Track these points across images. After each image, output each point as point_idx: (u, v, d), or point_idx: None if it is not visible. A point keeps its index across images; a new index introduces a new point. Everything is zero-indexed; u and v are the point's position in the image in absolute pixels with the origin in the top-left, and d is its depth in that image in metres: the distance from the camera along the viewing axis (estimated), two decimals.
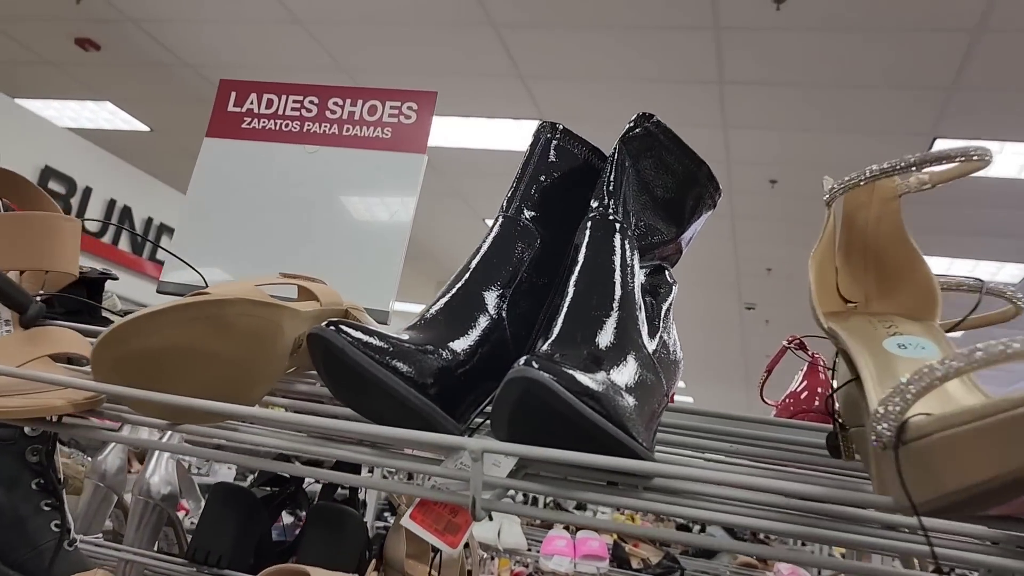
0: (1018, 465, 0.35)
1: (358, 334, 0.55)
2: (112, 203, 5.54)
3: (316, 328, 0.54)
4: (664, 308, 0.70)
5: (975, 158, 0.52)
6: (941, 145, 4.15)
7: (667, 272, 0.74)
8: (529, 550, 2.85)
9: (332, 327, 0.54)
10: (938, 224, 5.05)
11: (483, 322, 0.63)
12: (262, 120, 1.07)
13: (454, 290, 0.65)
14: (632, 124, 0.70)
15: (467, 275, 0.65)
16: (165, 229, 6.01)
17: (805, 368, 1.12)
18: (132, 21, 4.40)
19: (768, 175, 5.00)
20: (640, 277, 0.67)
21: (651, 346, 0.64)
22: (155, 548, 1.30)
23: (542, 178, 0.72)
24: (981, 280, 0.58)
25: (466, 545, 1.26)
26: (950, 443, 0.38)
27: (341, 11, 3.95)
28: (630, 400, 0.56)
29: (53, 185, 4.74)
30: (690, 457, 0.67)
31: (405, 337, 0.59)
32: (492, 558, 2.87)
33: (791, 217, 5.49)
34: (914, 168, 0.53)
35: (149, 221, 5.92)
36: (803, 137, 4.48)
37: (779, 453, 0.66)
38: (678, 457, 0.63)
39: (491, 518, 2.69)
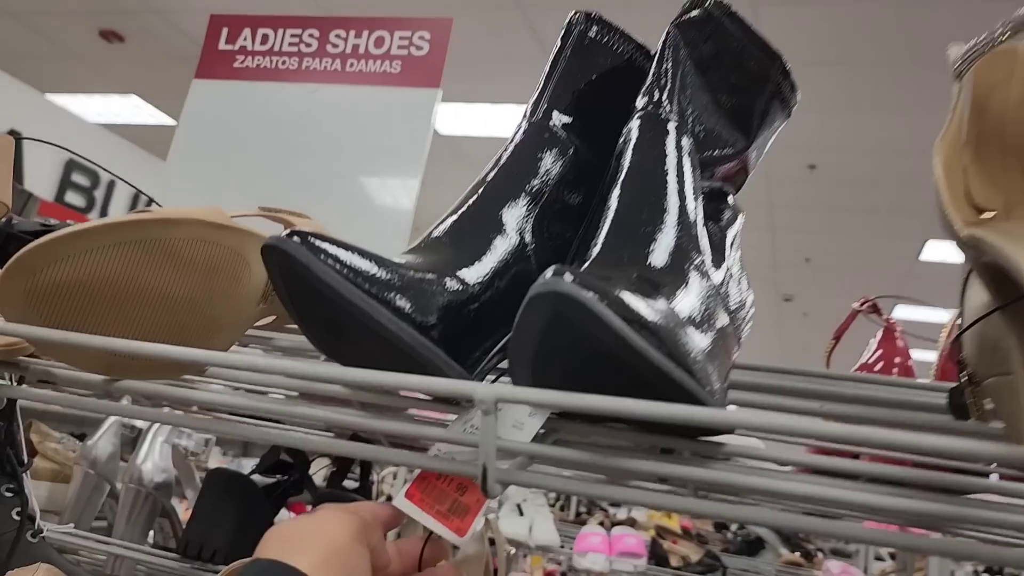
0: None
1: (335, 249, 0.41)
2: (136, 196, 5.49)
3: (271, 238, 0.40)
4: (730, 236, 0.56)
5: None
6: None
7: (729, 197, 0.59)
8: (562, 547, 2.71)
9: (296, 237, 0.40)
10: None
11: (501, 246, 0.49)
12: (257, 58, 0.95)
13: (465, 207, 0.51)
14: (689, 4, 0.56)
15: (482, 189, 0.52)
16: None
17: (880, 334, 0.96)
18: (155, 11, 4.33)
19: (807, 160, 4.80)
20: (700, 195, 0.53)
21: (716, 274, 0.50)
22: (149, 542, 1.18)
23: (576, 77, 0.57)
24: None
25: (492, 542, 1.12)
26: None
27: None
28: (696, 338, 0.42)
29: (76, 178, 4.69)
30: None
31: (401, 261, 0.45)
32: (524, 556, 2.73)
33: (831, 204, 5.29)
34: None
35: None
36: (844, 119, 4.28)
37: (878, 413, 0.51)
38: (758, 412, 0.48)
39: (521, 512, 2.55)
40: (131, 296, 0.48)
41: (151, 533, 1.18)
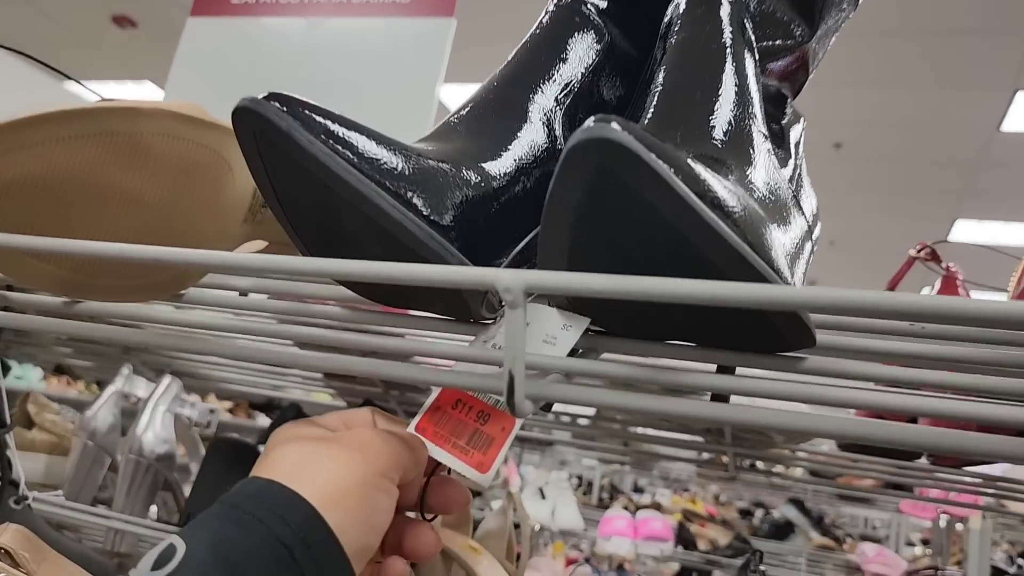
0: None
1: (328, 121, 0.34)
2: None
3: (245, 99, 0.33)
4: (794, 135, 0.48)
5: None
6: (1023, 100, 3.81)
7: (788, 100, 0.51)
8: (585, 531, 2.64)
9: (278, 101, 0.33)
10: (1016, 188, 4.68)
11: (527, 138, 0.42)
12: None
13: (483, 96, 0.43)
14: None
15: (502, 73, 0.44)
16: None
17: (938, 284, 0.88)
18: None
19: (833, 138, 4.68)
20: (760, 76, 0.45)
21: (785, 169, 0.42)
22: (152, 516, 1.12)
23: None
24: None
25: (516, 526, 1.04)
26: None
27: None
28: (773, 226, 0.34)
29: None
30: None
31: (412, 146, 0.38)
32: (545, 545, 2.66)
33: (857, 184, 5.16)
34: None
35: None
36: (870, 94, 4.15)
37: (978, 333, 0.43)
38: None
39: (543, 496, 2.47)
40: (94, 199, 0.41)
41: (153, 507, 1.12)
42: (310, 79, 0.83)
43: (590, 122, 0.28)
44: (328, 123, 0.33)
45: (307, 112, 0.33)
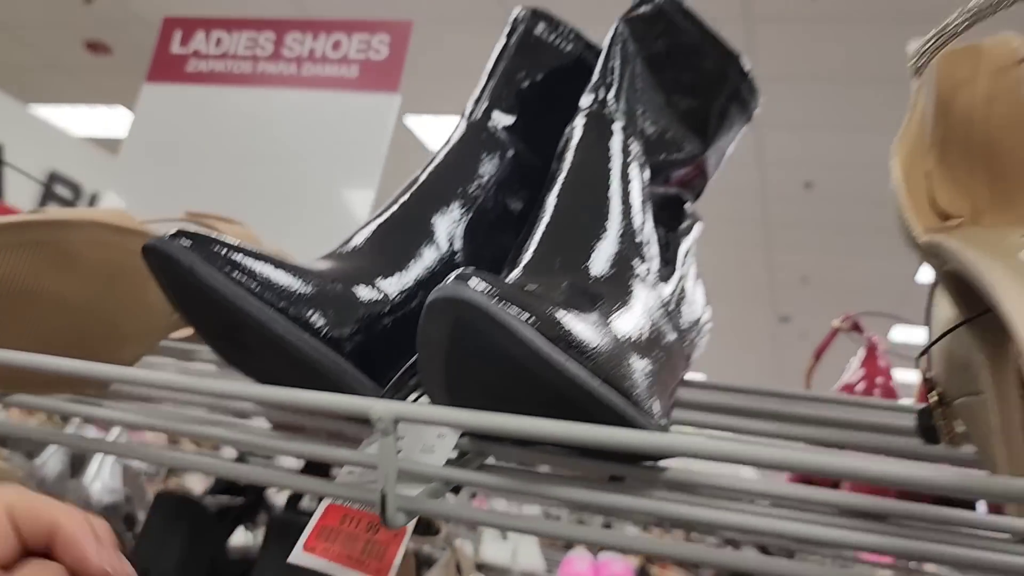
0: None
1: (224, 250, 0.37)
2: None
3: (152, 238, 0.36)
4: (683, 246, 0.52)
5: None
6: None
7: (686, 204, 0.55)
8: (549, 572, 2.65)
9: (183, 238, 0.36)
10: None
11: (428, 254, 0.45)
12: (210, 61, 0.92)
13: (392, 210, 0.47)
14: (638, 0, 0.52)
15: (411, 191, 0.48)
16: None
17: (861, 353, 0.92)
18: (142, 23, 4.31)
19: (803, 178, 4.77)
20: (649, 201, 0.49)
21: (665, 288, 0.46)
22: None
23: (519, 75, 0.54)
24: None
25: (459, 568, 1.07)
26: None
27: None
28: (635, 357, 0.38)
29: (59, 190, 4.65)
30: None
31: (312, 267, 0.41)
32: None
33: (828, 223, 5.26)
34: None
35: None
36: (841, 137, 4.25)
37: (843, 436, 0.47)
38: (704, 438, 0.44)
39: (505, 536, 2.49)
40: (27, 302, 0.44)
41: None
42: (260, 148, 0.87)
43: (450, 278, 0.31)
44: (231, 254, 0.37)
45: (211, 247, 0.37)
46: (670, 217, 0.53)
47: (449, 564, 1.04)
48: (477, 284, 0.31)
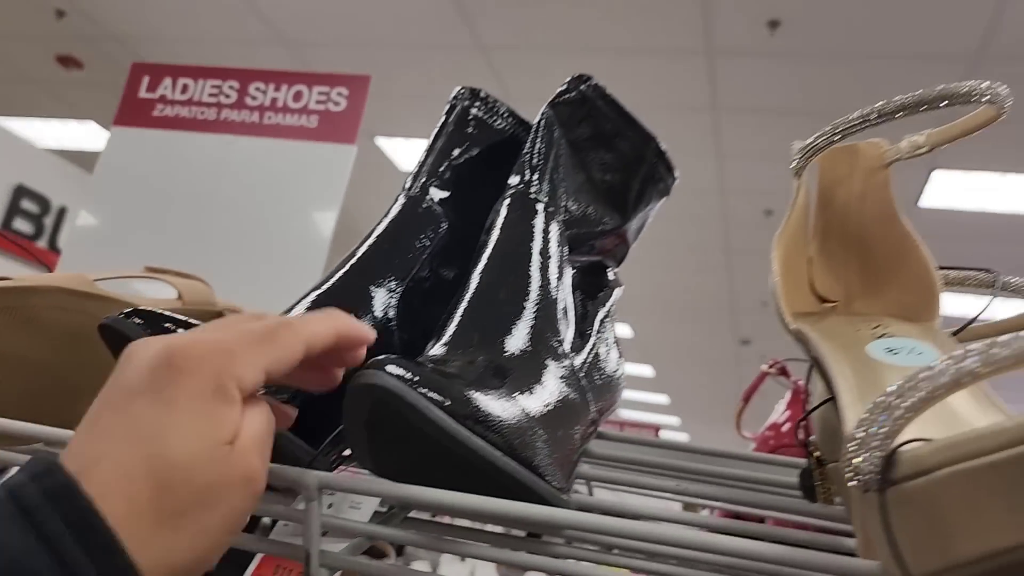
0: None
1: (177, 328, 0.41)
2: None
3: (107, 319, 0.40)
4: (600, 314, 0.57)
5: (987, 99, 0.39)
6: (939, 177, 4.05)
7: (608, 271, 0.60)
8: None
9: (136, 317, 0.40)
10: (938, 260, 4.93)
11: (365, 322, 0.50)
12: (176, 107, 0.96)
13: (330, 282, 0.51)
14: (564, 87, 0.57)
15: (350, 264, 0.52)
16: None
17: (788, 396, 0.98)
18: (115, 38, 4.32)
19: (763, 205, 4.88)
20: (569, 272, 0.54)
21: (577, 358, 0.50)
22: None
23: (456, 153, 0.59)
24: (994, 271, 0.45)
25: None
26: (964, 484, 0.24)
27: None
28: (539, 426, 0.42)
29: (26, 204, 4.61)
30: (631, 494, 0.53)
31: None
32: None
33: None
34: (897, 115, 0.40)
35: None
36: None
37: (746, 496, 0.53)
38: (607, 500, 0.49)
39: (463, 557, 2.51)
40: None
41: None
42: (221, 193, 0.91)
43: (369, 364, 0.36)
44: (178, 331, 0.41)
45: (161, 323, 0.41)
46: (591, 284, 0.58)
47: None
48: (393, 369, 0.36)
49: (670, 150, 0.60)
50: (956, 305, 0.50)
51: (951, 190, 4.12)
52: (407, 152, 4.77)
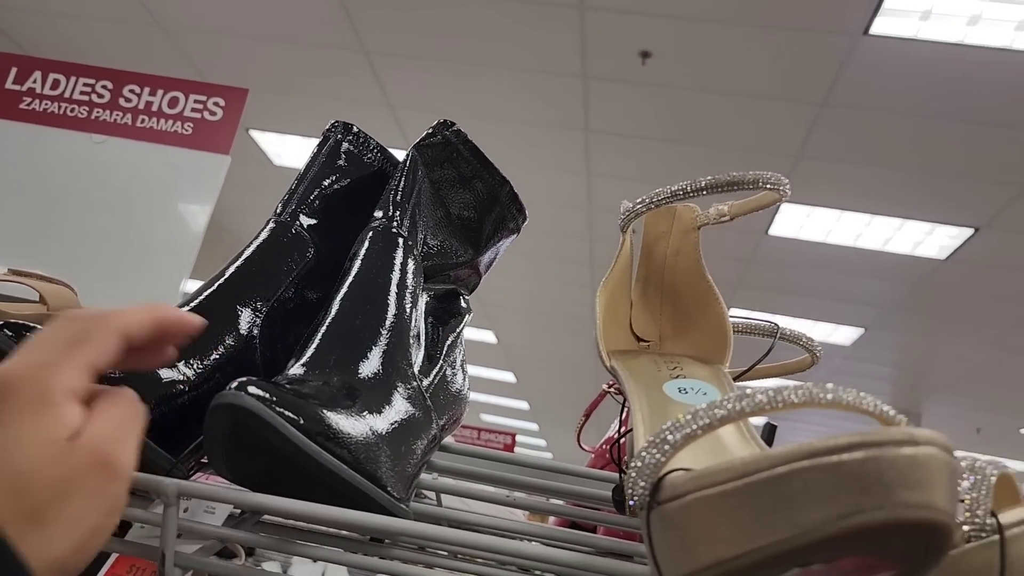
0: (775, 539, 0.29)
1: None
2: None
3: None
4: (450, 337, 0.63)
5: (770, 186, 0.47)
6: (787, 209, 4.36)
7: (461, 298, 0.66)
8: None
9: (2, 329, 0.43)
10: (782, 285, 5.30)
11: (228, 340, 0.54)
12: (44, 102, 0.94)
13: (197, 300, 0.55)
14: (430, 131, 0.63)
15: (218, 283, 0.56)
16: None
17: (624, 413, 1.07)
18: None
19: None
20: (423, 301, 0.60)
21: (425, 379, 0.56)
22: None
23: (326, 183, 0.63)
24: (776, 324, 0.54)
25: None
26: (704, 507, 0.31)
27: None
28: (385, 442, 0.48)
29: None
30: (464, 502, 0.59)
31: None
32: None
33: None
34: (704, 192, 0.48)
35: None
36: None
37: (562, 508, 0.60)
38: (449, 509, 0.55)
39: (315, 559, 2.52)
40: None
41: None
42: (89, 192, 0.91)
43: (232, 384, 0.40)
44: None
45: (23, 332, 0.43)
46: (444, 311, 0.64)
47: None
48: (254, 391, 0.40)
49: (542, 166, 0.67)
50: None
51: (797, 222, 4.44)
52: (281, 147, 4.69)
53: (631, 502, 0.35)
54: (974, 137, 3.47)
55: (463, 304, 0.67)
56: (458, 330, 0.64)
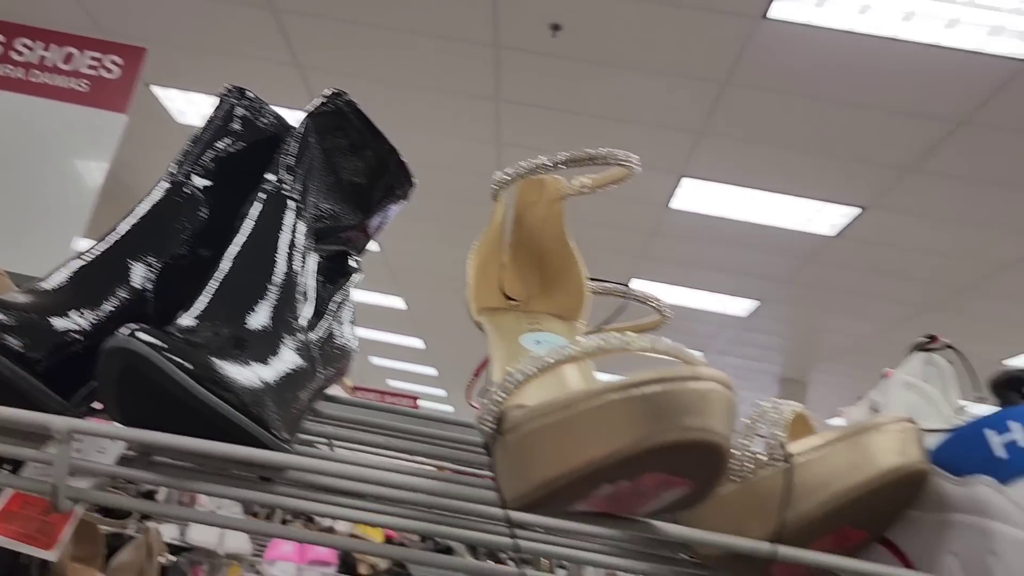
0: (589, 458, 0.35)
1: None
2: None
3: None
4: (338, 295, 0.67)
5: (622, 162, 0.53)
6: (687, 184, 4.51)
7: (350, 258, 0.71)
8: (257, 555, 2.72)
9: None
10: (681, 257, 5.48)
11: (121, 293, 0.57)
12: None
13: (92, 255, 0.57)
14: (323, 100, 0.66)
15: (111, 239, 0.58)
16: None
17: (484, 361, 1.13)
18: None
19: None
20: (312, 261, 0.64)
21: (313, 334, 0.60)
22: None
23: (221, 145, 0.66)
24: (626, 285, 0.61)
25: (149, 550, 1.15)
26: (536, 436, 0.37)
27: None
28: (271, 388, 0.52)
29: None
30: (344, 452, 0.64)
31: (12, 300, 0.51)
32: (219, 569, 2.69)
33: None
34: (563, 166, 0.54)
35: None
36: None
37: (447, 452, 0.65)
38: (320, 451, 0.59)
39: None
40: None
41: None
42: None
43: (123, 331, 0.44)
44: None
45: None
46: (333, 271, 0.68)
47: (140, 546, 1.11)
48: (144, 336, 0.44)
49: (452, 133, 0.71)
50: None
51: (698, 197, 4.60)
52: (185, 104, 4.56)
53: (483, 433, 0.41)
54: (863, 121, 3.67)
55: (352, 264, 0.71)
56: (347, 288, 0.68)
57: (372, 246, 0.72)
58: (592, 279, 0.59)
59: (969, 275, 4.91)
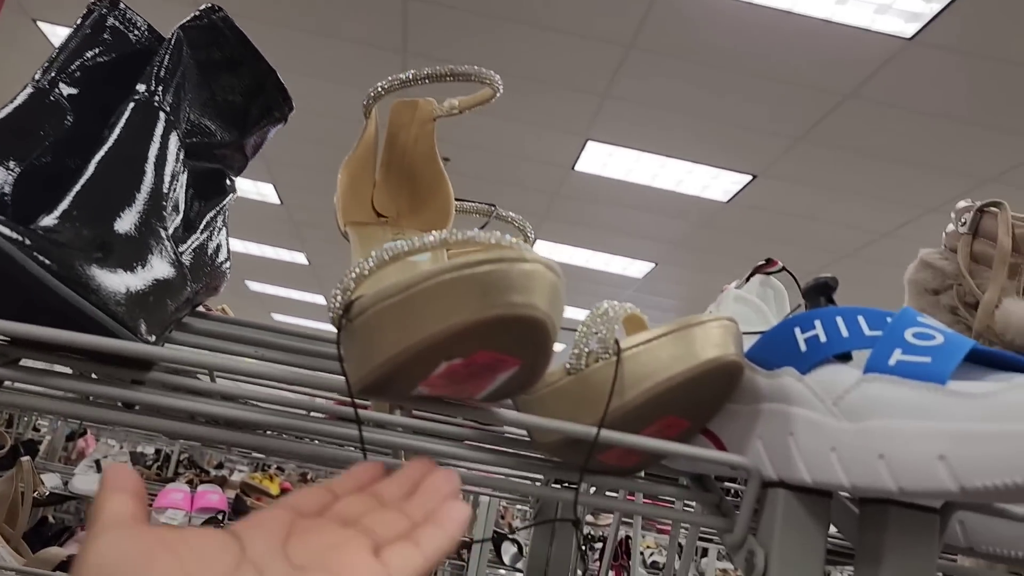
0: (425, 335, 0.38)
1: None
2: None
3: None
4: (212, 213, 0.68)
5: (484, 79, 0.56)
6: (592, 148, 4.58)
7: (226, 177, 0.71)
8: (150, 505, 2.67)
9: None
10: (584, 219, 5.58)
11: None
12: None
13: None
14: (197, 14, 0.66)
15: None
16: None
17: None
18: None
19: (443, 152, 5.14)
20: (184, 175, 0.64)
21: (182, 246, 0.61)
22: None
23: (88, 55, 0.65)
24: (493, 205, 0.64)
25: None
26: (378, 318, 0.40)
27: None
28: (135, 291, 0.53)
29: None
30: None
31: None
32: None
33: (462, 196, 5.71)
34: (427, 80, 0.56)
35: None
36: (474, 121, 4.67)
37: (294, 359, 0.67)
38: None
39: (99, 469, 2.48)
40: None
41: None
42: None
43: None
44: None
45: None
46: (207, 188, 0.69)
47: (13, 477, 1.09)
48: (6, 231, 0.44)
49: (359, 84, 0.72)
50: None
51: (600, 160, 4.68)
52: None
53: (331, 321, 0.43)
54: (758, 91, 3.79)
55: (227, 183, 0.71)
56: (221, 206, 0.69)
57: (273, 199, 0.73)
58: (458, 199, 0.61)
59: (852, 242, 5.17)
